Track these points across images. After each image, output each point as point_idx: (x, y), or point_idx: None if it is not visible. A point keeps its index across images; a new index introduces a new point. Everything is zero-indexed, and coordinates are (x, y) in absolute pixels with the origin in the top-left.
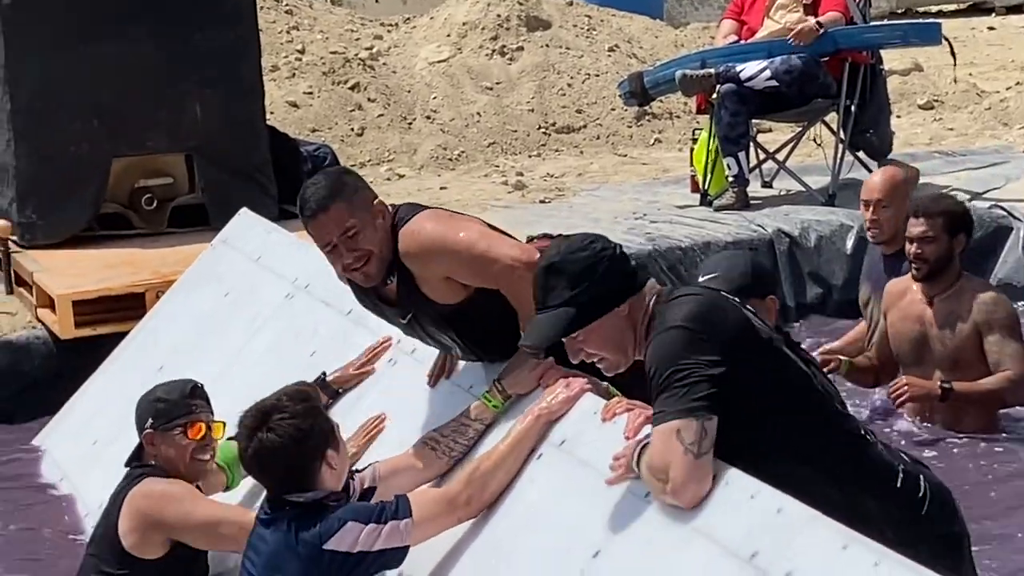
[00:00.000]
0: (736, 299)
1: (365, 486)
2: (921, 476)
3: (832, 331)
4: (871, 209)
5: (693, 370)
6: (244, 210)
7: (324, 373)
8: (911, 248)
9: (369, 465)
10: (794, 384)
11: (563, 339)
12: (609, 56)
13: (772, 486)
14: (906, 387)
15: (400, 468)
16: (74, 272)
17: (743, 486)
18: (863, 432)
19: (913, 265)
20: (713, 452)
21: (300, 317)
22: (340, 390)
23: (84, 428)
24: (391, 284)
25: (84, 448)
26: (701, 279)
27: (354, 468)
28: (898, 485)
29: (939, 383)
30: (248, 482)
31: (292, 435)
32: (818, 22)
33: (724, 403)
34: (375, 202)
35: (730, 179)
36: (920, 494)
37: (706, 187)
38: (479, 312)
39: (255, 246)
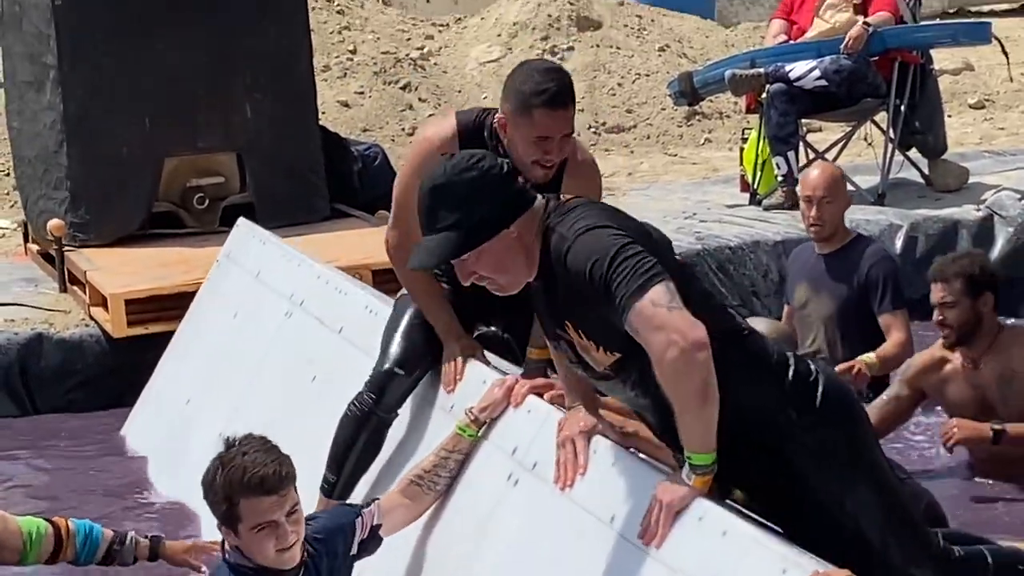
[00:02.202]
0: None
1: (375, 523)
2: (815, 369)
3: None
4: (814, 206)
5: (629, 251)
6: (241, 220)
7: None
8: (935, 315)
9: (373, 501)
10: (686, 274)
11: (451, 261)
12: (659, 56)
13: None
14: (956, 428)
15: (394, 506)
16: (127, 271)
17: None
18: (746, 329)
19: (941, 332)
20: None
21: (299, 339)
22: None
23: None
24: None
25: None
26: None
27: (360, 504)
28: (790, 374)
29: (991, 424)
30: None
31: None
32: (866, 22)
33: None
34: None
35: (779, 178)
36: (812, 379)
37: (756, 186)
38: None
39: (254, 260)
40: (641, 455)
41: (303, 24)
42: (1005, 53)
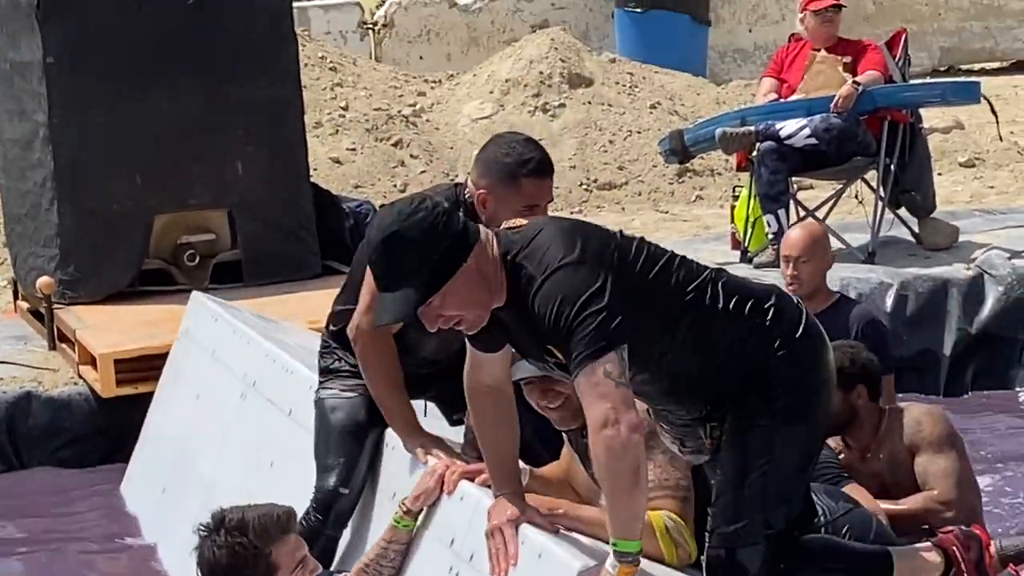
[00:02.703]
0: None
1: None
2: (775, 297)
3: None
4: (791, 265)
5: (594, 305)
6: (194, 295)
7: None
8: None
9: None
10: (658, 257)
11: (418, 311)
12: (651, 113)
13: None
14: None
15: None
16: (116, 329)
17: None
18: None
19: None
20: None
21: (255, 422)
22: None
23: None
24: None
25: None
26: None
27: None
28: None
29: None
30: None
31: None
32: (855, 81)
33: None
34: None
35: (770, 236)
36: (767, 304)
37: (746, 244)
38: None
39: (209, 338)
40: (573, 535)
41: (295, 80)
42: (994, 112)
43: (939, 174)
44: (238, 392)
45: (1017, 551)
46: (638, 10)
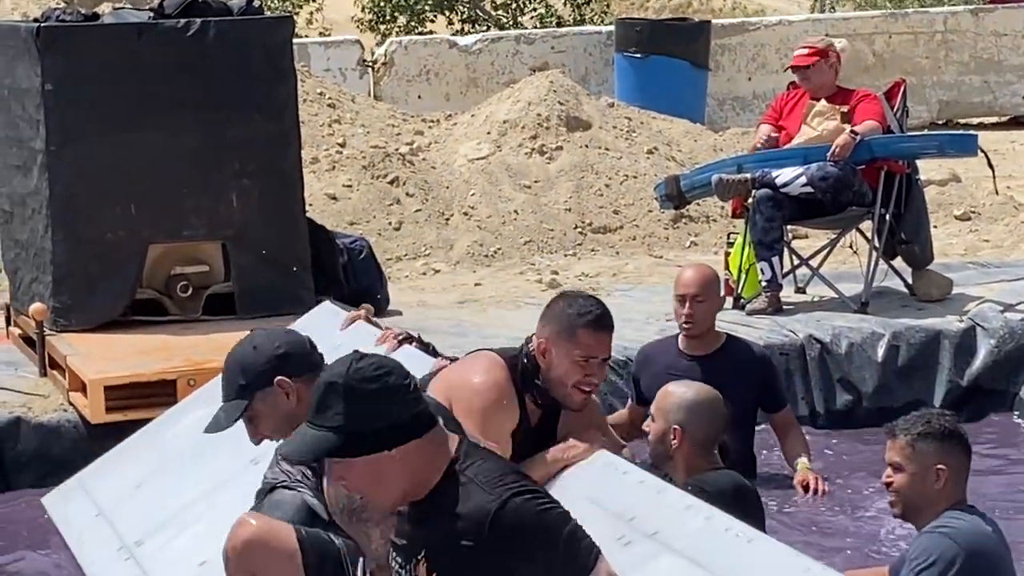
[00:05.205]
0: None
1: None
2: None
3: (858, 436)
4: (687, 304)
5: (580, 532)
6: (327, 302)
7: None
8: None
9: None
10: None
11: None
12: (648, 158)
13: None
14: None
15: None
16: (107, 357)
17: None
18: None
19: None
20: None
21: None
22: None
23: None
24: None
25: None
26: None
27: None
28: None
29: None
30: None
31: None
32: (853, 131)
33: None
34: None
35: (763, 284)
36: None
37: (740, 291)
38: None
39: (335, 336)
40: None
41: (293, 115)
42: (991, 166)
43: (935, 226)
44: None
45: None
46: (638, 55)
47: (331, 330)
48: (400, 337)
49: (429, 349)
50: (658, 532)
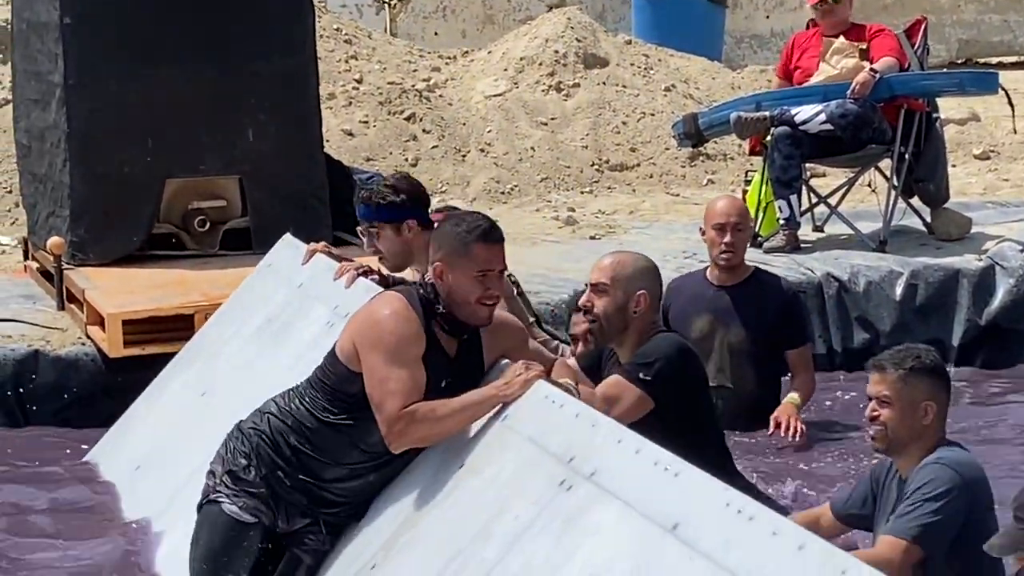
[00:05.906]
0: None
1: None
2: None
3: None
4: (728, 232)
5: None
6: (288, 235)
7: None
8: None
9: None
10: None
11: None
12: (665, 96)
13: None
14: None
15: None
16: (125, 291)
17: None
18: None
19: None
20: None
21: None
22: None
23: (132, 451)
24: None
25: (129, 472)
26: None
27: None
28: None
29: None
30: None
31: None
32: (873, 68)
33: None
34: None
35: (781, 222)
36: None
37: (758, 228)
38: None
39: (297, 271)
40: None
41: (310, 51)
42: (1011, 104)
43: (953, 165)
44: (324, 320)
45: None
46: None
47: (293, 263)
48: (359, 270)
49: (390, 282)
50: (595, 473)
